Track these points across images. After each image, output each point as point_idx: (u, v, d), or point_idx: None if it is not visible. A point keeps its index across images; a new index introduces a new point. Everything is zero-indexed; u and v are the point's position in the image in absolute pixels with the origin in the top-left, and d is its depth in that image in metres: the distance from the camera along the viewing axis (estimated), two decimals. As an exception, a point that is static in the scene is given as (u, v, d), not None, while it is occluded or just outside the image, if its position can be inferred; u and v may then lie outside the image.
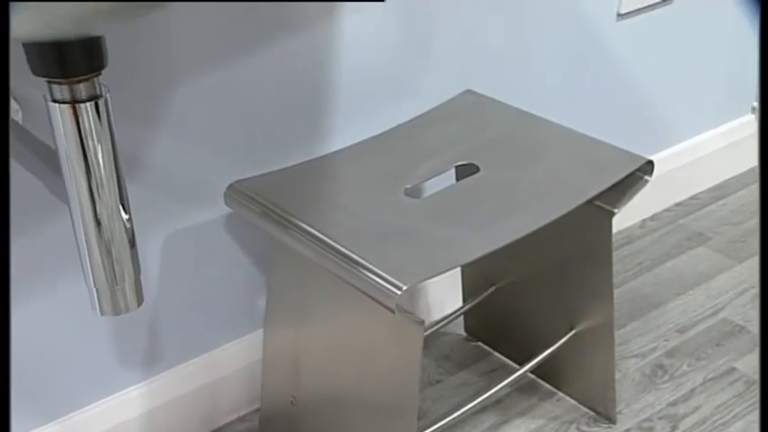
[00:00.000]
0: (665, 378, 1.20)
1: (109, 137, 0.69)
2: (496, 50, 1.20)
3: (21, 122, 0.85)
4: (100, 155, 0.69)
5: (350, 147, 1.04)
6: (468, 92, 1.13)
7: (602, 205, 0.99)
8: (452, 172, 1.03)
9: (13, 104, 0.85)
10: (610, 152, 1.00)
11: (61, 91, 0.66)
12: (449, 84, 1.14)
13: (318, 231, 0.89)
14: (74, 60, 0.64)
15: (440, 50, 1.14)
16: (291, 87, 1.04)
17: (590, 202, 0.94)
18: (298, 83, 1.04)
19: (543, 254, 1.10)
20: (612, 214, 0.99)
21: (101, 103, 0.67)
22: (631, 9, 1.31)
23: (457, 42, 1.15)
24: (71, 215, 0.72)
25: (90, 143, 0.68)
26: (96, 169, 0.70)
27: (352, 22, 1.05)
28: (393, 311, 0.81)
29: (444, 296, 1.28)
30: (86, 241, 0.73)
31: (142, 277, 0.77)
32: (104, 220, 0.72)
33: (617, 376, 1.16)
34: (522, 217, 0.90)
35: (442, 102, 1.11)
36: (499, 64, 1.21)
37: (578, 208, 0.92)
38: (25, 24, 0.56)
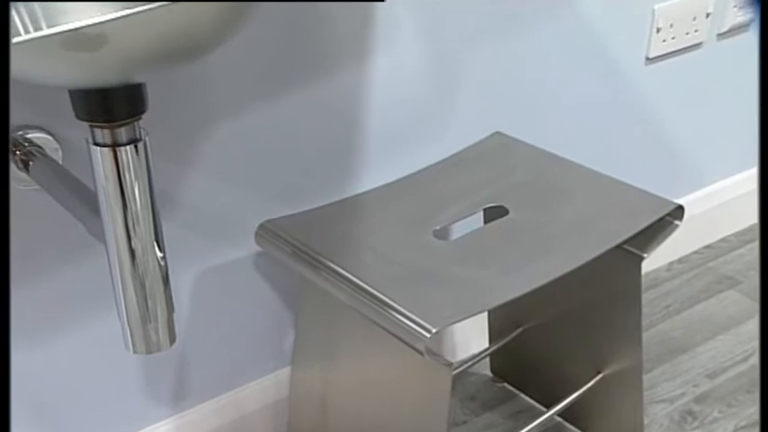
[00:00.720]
0: (695, 425, 1.19)
1: (146, 178, 0.71)
2: (525, 93, 1.21)
3: (60, 162, 0.88)
4: (137, 196, 0.71)
5: (379, 187, 1.05)
6: (497, 134, 1.14)
7: (632, 249, 1.00)
8: (481, 214, 1.04)
9: (54, 144, 0.87)
10: (639, 196, 1.00)
11: (103, 135, 0.68)
12: (478, 126, 1.15)
13: (348, 272, 0.90)
14: (116, 106, 0.66)
15: (469, 93, 1.15)
16: (323, 128, 1.06)
17: (619, 246, 0.95)
18: (329, 124, 1.06)
19: (571, 296, 1.11)
20: (642, 259, 0.99)
21: (140, 146, 0.69)
22: (660, 53, 1.32)
23: (486, 84, 1.16)
24: (107, 254, 0.74)
25: (128, 185, 0.70)
26: (133, 210, 0.71)
27: (382, 65, 1.06)
28: (422, 354, 0.82)
29: (471, 336, 1.28)
30: (121, 280, 0.74)
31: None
32: (139, 259, 0.74)
33: (645, 421, 1.15)
34: (552, 260, 0.90)
35: (470, 143, 1.12)
36: (528, 106, 1.22)
37: (607, 252, 0.92)
38: (72, 73, 0.59)
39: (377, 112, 1.09)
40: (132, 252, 0.73)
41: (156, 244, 0.74)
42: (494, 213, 1.00)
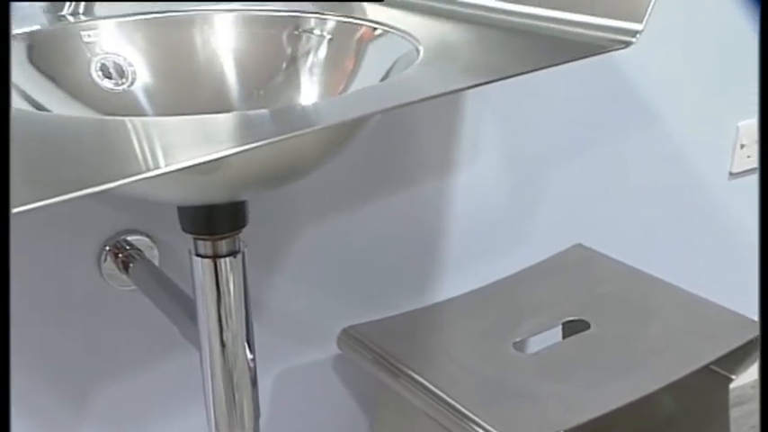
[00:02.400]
0: None
1: (243, 287, 0.74)
2: (607, 205, 1.22)
3: (157, 264, 0.92)
4: (233, 304, 0.74)
5: (460, 296, 1.07)
6: (578, 246, 1.15)
7: (719, 370, 0.98)
8: (560, 326, 1.04)
9: (152, 247, 0.92)
10: (726, 315, 0.99)
11: (205, 247, 0.71)
12: (558, 237, 1.16)
13: (428, 381, 0.91)
14: (219, 221, 0.70)
15: (550, 204, 1.17)
16: (405, 236, 1.08)
17: (706, 366, 0.93)
18: (411, 231, 1.08)
19: (655, 414, 1.08)
20: (730, 380, 0.97)
21: (239, 257, 0.72)
22: (744, 169, 1.31)
23: (567, 196, 1.18)
24: (201, 358, 0.76)
25: (226, 294, 0.73)
26: (229, 317, 0.74)
27: (465, 175, 1.09)
28: (503, 471, 0.81)
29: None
30: (212, 384, 0.77)
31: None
32: (231, 363, 0.76)
33: None
34: (636, 378, 0.89)
35: (551, 254, 1.13)
36: (609, 219, 1.22)
37: (694, 372, 0.90)
38: (183, 194, 0.63)
39: (458, 221, 1.11)
40: (224, 357, 0.76)
41: (247, 346, 0.77)
42: (575, 327, 1.00)
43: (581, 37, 0.69)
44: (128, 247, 0.90)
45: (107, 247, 0.88)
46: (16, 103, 0.65)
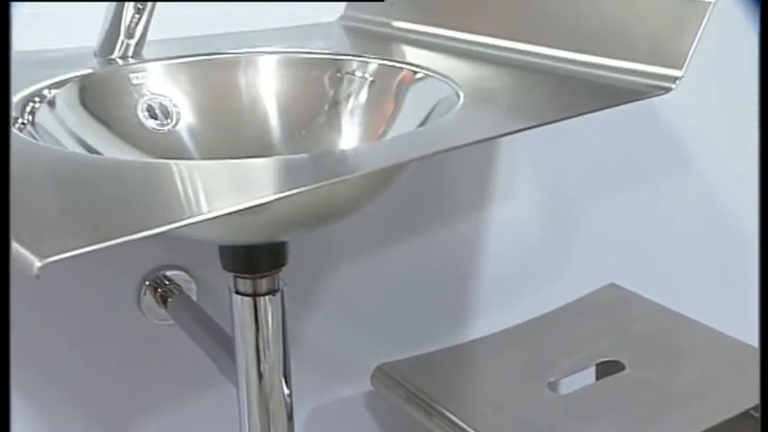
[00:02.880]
0: None
1: (281, 325, 0.74)
2: (642, 245, 1.21)
3: (195, 299, 0.92)
4: (271, 341, 0.74)
5: (494, 335, 1.06)
6: (612, 285, 1.14)
7: (757, 415, 0.96)
8: (594, 367, 1.02)
9: (190, 282, 0.92)
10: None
11: (245, 285, 0.72)
12: (592, 276, 1.15)
13: (462, 421, 0.90)
14: (260, 260, 0.70)
15: (584, 243, 1.16)
16: (439, 273, 1.08)
17: (745, 411, 0.91)
18: (446, 269, 1.08)
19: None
20: None
21: (278, 295, 0.73)
22: (780, 209, 1.30)
23: (601, 236, 1.17)
24: (237, 394, 0.76)
25: (264, 331, 0.73)
26: (267, 353, 0.74)
27: (499, 214, 1.09)
28: None
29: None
30: (249, 420, 0.77)
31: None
32: (268, 398, 0.76)
33: None
34: (673, 422, 0.88)
35: (585, 293, 1.12)
36: (644, 259, 1.21)
37: (732, 417, 0.89)
38: (225, 235, 0.63)
39: (492, 259, 1.11)
40: (261, 392, 0.76)
41: (284, 381, 0.77)
42: (609, 368, 0.99)
43: (620, 82, 0.69)
44: (167, 282, 0.90)
45: (147, 282, 0.89)
46: (69, 145, 0.66)
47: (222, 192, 0.53)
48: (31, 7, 0.77)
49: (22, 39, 0.75)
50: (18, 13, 0.76)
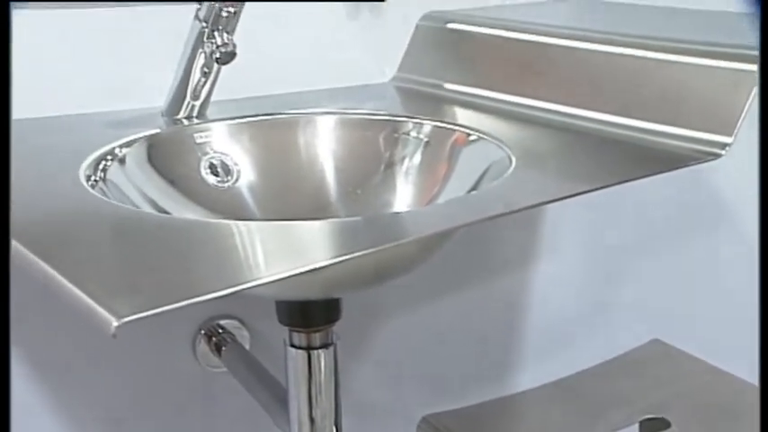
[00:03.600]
0: None
1: (334, 377, 0.75)
2: (686, 301, 1.20)
3: (248, 348, 0.93)
4: (324, 392, 0.75)
5: (538, 388, 1.05)
6: (656, 341, 1.13)
7: (804, 478, 0.93)
8: (638, 424, 1.01)
9: (244, 332, 0.93)
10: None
11: (300, 338, 0.73)
12: (636, 331, 1.14)
13: (507, 475, 0.89)
14: (314, 316, 0.71)
15: (627, 297, 1.15)
16: (485, 326, 1.08)
17: (791, 474, 0.89)
18: (491, 322, 1.08)
19: None
20: (816, 490, 0.93)
21: (331, 349, 0.74)
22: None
23: (645, 292, 1.16)
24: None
25: (317, 383, 0.74)
26: (319, 404, 0.75)
27: (544, 269, 1.09)
28: None
29: None
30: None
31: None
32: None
33: None
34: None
35: (629, 348, 1.11)
36: (688, 315, 1.20)
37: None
38: (283, 293, 0.64)
39: (537, 313, 1.10)
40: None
41: (335, 430, 0.77)
42: (653, 425, 0.97)
43: (670, 147, 0.70)
44: (221, 331, 0.92)
45: (202, 331, 0.91)
46: (137, 200, 0.68)
47: (281, 254, 0.54)
48: (103, 70, 0.80)
49: (95, 101, 0.79)
50: (92, 76, 0.79)
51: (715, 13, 0.89)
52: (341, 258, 0.51)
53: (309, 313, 0.71)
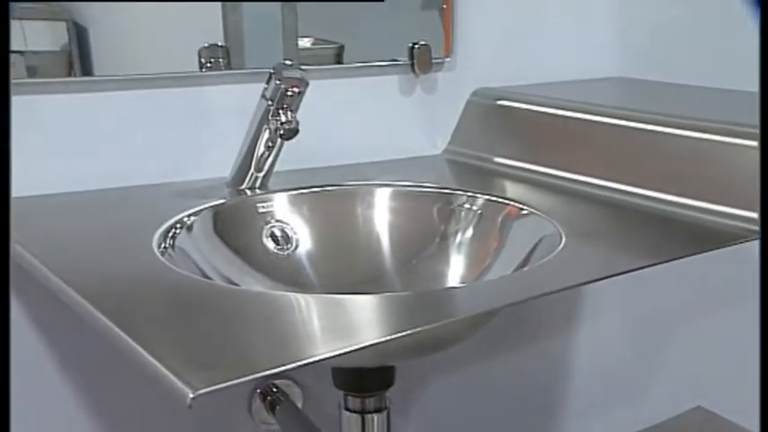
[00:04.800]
0: None
1: (386, 441, 0.75)
2: (728, 369, 1.17)
3: (300, 406, 0.94)
4: (376, 456, 0.75)
5: (582, 453, 1.04)
6: (699, 408, 1.11)
7: None
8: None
9: (298, 391, 0.94)
10: None
11: (354, 402, 0.73)
12: (678, 398, 1.12)
13: None
14: (369, 382, 0.72)
15: (670, 363, 1.14)
16: (530, 386, 1.07)
17: None
18: (535, 384, 1.07)
19: None
20: None
21: (385, 413, 0.74)
22: None
23: (687, 358, 1.15)
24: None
25: (371, 447, 0.74)
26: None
27: (587, 331, 1.08)
28: None
29: None
30: None
31: None
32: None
33: None
34: None
35: (671, 415, 1.09)
36: (731, 382, 1.18)
37: None
38: (336, 360, 0.65)
39: (579, 377, 1.09)
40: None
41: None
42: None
43: (717, 225, 0.70)
44: (275, 390, 0.92)
45: (258, 390, 0.91)
46: (203, 265, 0.70)
47: (337, 329, 0.55)
48: (175, 143, 0.82)
49: (169, 171, 0.81)
50: (165, 149, 0.82)
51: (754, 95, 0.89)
52: (392, 336, 0.52)
53: (364, 379, 0.72)
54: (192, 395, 0.45)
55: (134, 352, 0.50)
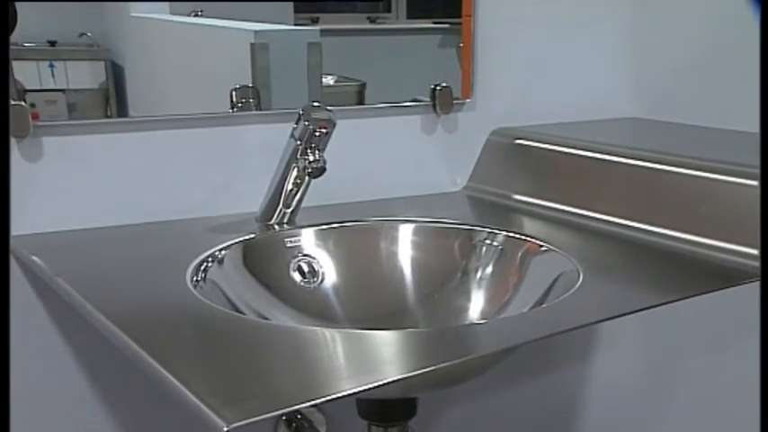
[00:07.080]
0: None
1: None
2: (745, 403, 1.15)
3: (323, 433, 0.93)
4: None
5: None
6: None
7: None
8: None
9: (322, 418, 0.93)
10: None
11: (378, 432, 0.72)
12: (692, 431, 1.10)
13: None
14: (392, 412, 0.71)
15: (683, 398, 1.12)
16: (547, 414, 1.06)
17: None
18: (553, 413, 1.06)
19: None
20: None
21: (406, 443, 0.73)
22: None
23: (702, 391, 1.12)
24: None
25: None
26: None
27: (602, 363, 1.07)
28: None
29: None
30: None
31: None
32: None
33: None
34: None
35: (686, 444, 1.07)
36: (748, 419, 1.15)
37: None
38: (363, 394, 0.65)
39: (593, 408, 1.08)
40: None
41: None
42: None
43: (730, 263, 0.69)
44: (299, 416, 0.92)
45: (283, 417, 0.91)
46: (233, 297, 0.70)
47: (361, 364, 0.55)
48: (207, 180, 0.83)
49: (200, 207, 0.82)
50: (197, 186, 0.82)
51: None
52: (415, 373, 0.52)
53: (387, 409, 0.71)
54: (226, 429, 0.45)
55: (168, 383, 0.50)
